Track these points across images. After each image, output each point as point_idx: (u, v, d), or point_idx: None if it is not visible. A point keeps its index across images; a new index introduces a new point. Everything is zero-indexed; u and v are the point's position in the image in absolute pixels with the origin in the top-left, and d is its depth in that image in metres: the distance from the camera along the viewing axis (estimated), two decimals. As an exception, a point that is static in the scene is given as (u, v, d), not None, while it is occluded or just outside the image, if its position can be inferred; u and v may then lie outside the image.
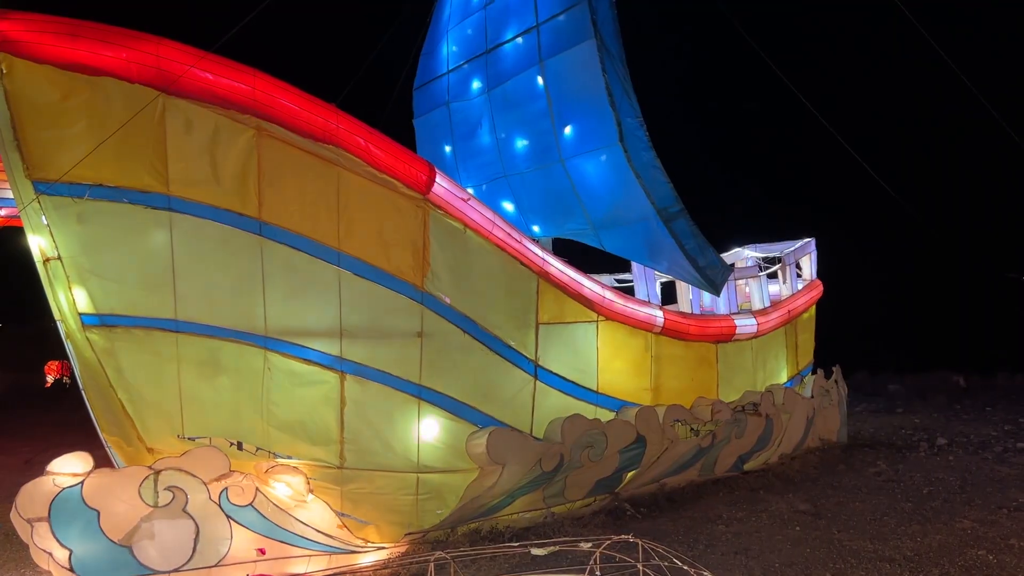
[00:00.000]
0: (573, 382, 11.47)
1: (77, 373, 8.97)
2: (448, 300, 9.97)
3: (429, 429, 9.80)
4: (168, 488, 7.73)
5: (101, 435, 8.92)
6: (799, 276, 17.95)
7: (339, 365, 9.19)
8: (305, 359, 9.05)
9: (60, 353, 10.63)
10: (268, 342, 8.86)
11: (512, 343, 10.69)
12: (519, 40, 13.81)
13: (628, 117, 12.36)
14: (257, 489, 8.23)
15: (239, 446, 8.95)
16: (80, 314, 8.28)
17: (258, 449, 8.95)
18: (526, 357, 10.86)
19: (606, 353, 11.95)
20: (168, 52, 8.12)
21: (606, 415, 11.54)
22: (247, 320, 8.78)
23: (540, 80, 13.32)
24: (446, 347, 9.98)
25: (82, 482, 7.49)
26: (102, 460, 8.12)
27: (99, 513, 7.43)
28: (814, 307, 17.73)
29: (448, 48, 15.82)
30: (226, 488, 8.05)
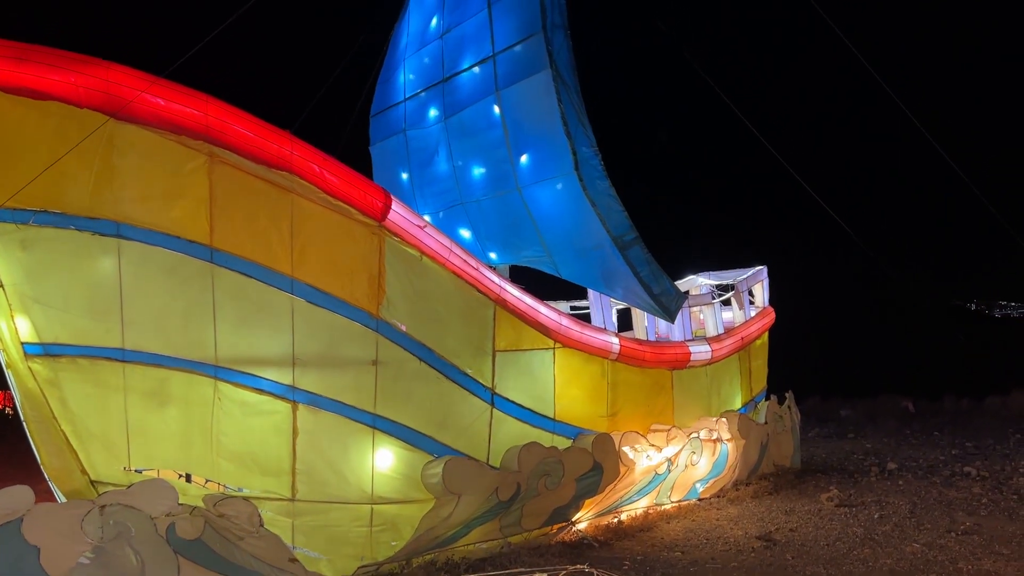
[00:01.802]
0: (530, 409, 11.44)
1: (18, 404, 8.70)
2: (404, 328, 9.90)
3: (384, 459, 9.67)
4: (113, 523, 7.47)
5: (43, 468, 8.64)
6: (752, 303, 18.21)
7: (291, 394, 9.04)
8: (256, 388, 8.89)
9: (1, 383, 10.28)
10: (218, 371, 8.69)
11: (469, 371, 10.64)
12: (476, 69, 13.90)
13: (583, 146, 12.47)
14: (206, 523, 8.01)
15: (188, 478, 8.74)
16: (22, 343, 8.05)
17: (207, 481, 8.74)
18: (483, 385, 10.81)
19: (563, 380, 11.96)
20: (118, 77, 8.00)
21: (563, 443, 11.51)
22: (197, 349, 8.60)
23: (496, 109, 13.41)
24: (401, 375, 9.88)
25: (22, 517, 7.21)
26: (44, 494, 7.84)
27: (39, 550, 7.15)
28: (767, 334, 17.99)
29: (405, 76, 15.86)
30: (173, 522, 7.82)
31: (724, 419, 14.38)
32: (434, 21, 15.37)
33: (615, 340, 12.84)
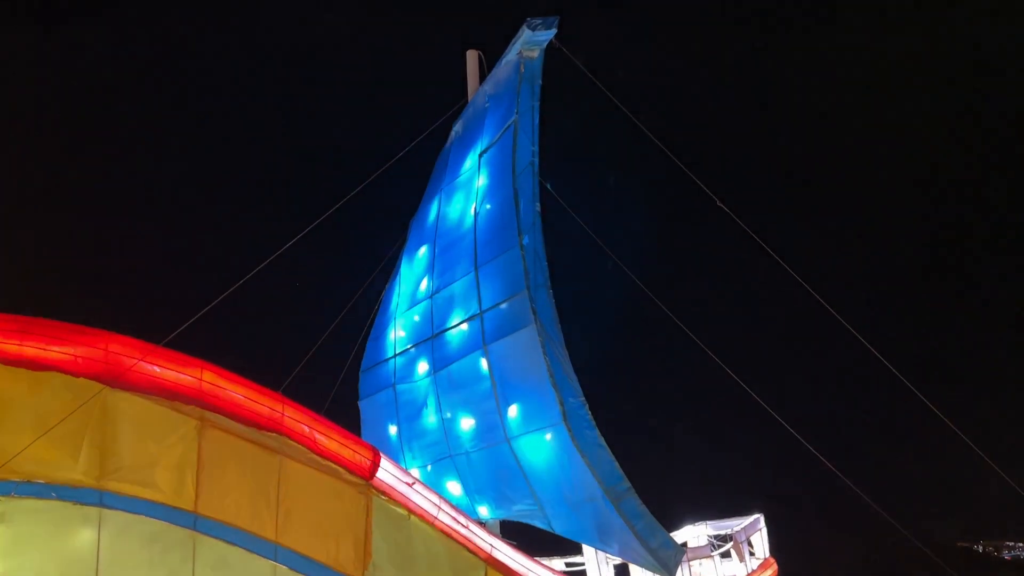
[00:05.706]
0: None
1: None
2: (391, 595, 9.41)
3: None
4: None
5: None
6: (751, 554, 17.53)
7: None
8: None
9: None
10: (191, 652, 8.11)
11: (459, 643, 9.96)
12: (464, 326, 14.40)
13: (571, 397, 12.64)
14: None
15: None
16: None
17: None
18: (475, 659, 10.07)
19: (560, 649, 11.18)
20: (117, 346, 8.23)
21: None
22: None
23: (484, 363, 13.71)
24: (387, 651, 9.24)
25: None
26: None
27: None
28: (772, 588, 17.14)
29: (395, 334, 16.41)
30: None
31: None
32: (424, 284, 16.20)
33: (614, 601, 12.18)
